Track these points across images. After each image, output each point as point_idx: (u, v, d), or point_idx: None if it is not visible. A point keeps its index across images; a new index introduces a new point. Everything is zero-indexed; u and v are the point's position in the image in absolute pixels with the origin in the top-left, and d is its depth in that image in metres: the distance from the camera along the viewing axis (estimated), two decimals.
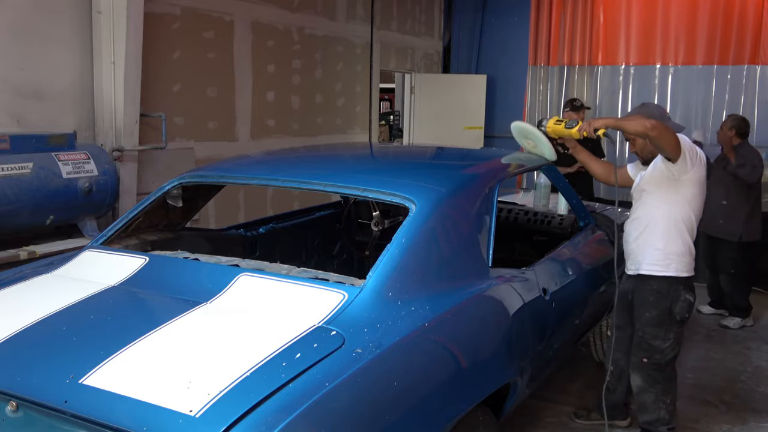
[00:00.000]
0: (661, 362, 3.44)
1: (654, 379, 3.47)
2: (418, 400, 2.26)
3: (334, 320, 2.29)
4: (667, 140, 3.15)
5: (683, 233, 3.35)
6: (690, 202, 3.33)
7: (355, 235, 4.73)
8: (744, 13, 7.50)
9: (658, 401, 3.48)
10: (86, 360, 2.06)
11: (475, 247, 2.91)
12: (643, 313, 3.43)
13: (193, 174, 3.37)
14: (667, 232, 3.33)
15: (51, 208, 4.10)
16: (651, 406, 3.50)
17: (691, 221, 3.36)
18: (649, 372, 3.47)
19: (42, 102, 4.55)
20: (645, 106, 3.59)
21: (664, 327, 3.39)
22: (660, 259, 3.35)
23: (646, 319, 3.42)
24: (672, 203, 3.32)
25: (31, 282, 2.76)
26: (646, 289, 3.41)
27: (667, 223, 3.33)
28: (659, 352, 3.42)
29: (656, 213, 3.36)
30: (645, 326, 3.43)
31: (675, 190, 3.30)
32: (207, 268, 2.74)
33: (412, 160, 3.90)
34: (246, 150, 5.94)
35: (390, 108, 13.52)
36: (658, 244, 3.35)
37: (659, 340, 3.40)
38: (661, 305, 3.38)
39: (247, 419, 1.79)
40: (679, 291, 3.37)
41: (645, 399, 3.51)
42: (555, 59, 8.54)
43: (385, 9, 8.16)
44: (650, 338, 3.42)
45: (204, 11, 5.70)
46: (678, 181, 3.28)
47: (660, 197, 3.34)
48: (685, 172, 3.25)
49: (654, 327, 3.41)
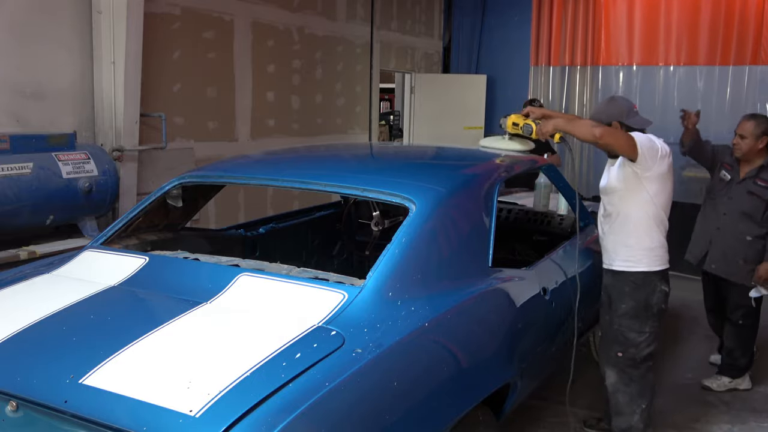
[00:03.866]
0: (635, 357, 3.39)
1: (629, 376, 3.42)
2: (418, 400, 2.26)
3: (334, 320, 2.29)
4: (619, 145, 3.18)
5: (651, 229, 3.35)
6: (654, 198, 3.32)
7: (355, 235, 4.73)
8: (745, 14, 7.49)
9: (633, 404, 3.42)
10: (86, 360, 2.06)
11: (475, 247, 2.91)
12: (620, 305, 3.41)
13: (193, 174, 3.37)
14: (635, 229, 3.34)
15: (51, 208, 4.10)
16: (625, 409, 3.44)
17: (659, 217, 3.36)
18: (624, 368, 3.42)
19: (42, 102, 4.55)
20: (614, 99, 3.58)
21: (640, 319, 3.37)
22: (631, 255, 3.36)
23: (622, 311, 3.40)
24: (638, 201, 3.32)
25: (32, 282, 2.77)
26: (622, 281, 3.40)
27: (635, 221, 3.33)
28: (634, 346, 3.38)
29: (623, 210, 3.36)
30: (621, 318, 3.40)
31: (639, 188, 3.30)
32: (207, 268, 2.74)
33: (412, 160, 3.90)
34: (246, 150, 5.93)
35: (390, 108, 13.50)
36: (629, 241, 3.35)
37: (634, 332, 3.37)
38: (637, 296, 3.36)
39: (247, 419, 1.79)
40: (655, 282, 3.36)
41: (619, 399, 3.46)
42: (556, 59, 8.53)
43: (385, 9, 8.16)
44: (626, 330, 3.39)
45: (204, 11, 5.70)
46: (641, 179, 3.28)
47: (626, 195, 3.34)
48: (646, 169, 3.25)
49: (630, 319, 3.38)
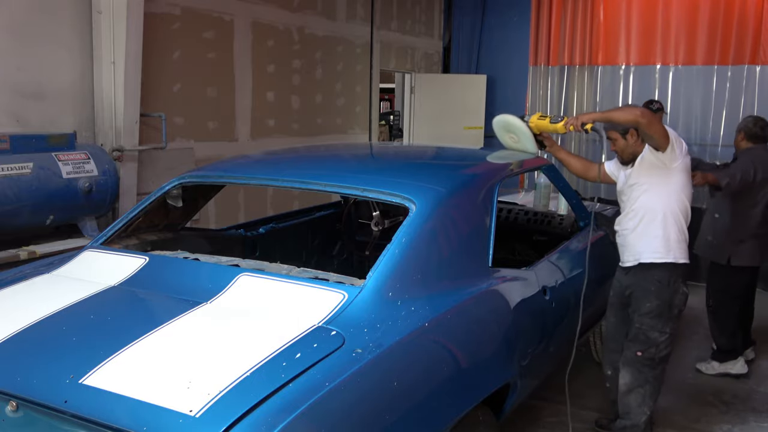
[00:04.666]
0: (655, 357, 3.44)
1: (645, 376, 3.46)
2: (418, 400, 2.26)
3: (334, 320, 2.29)
4: (657, 128, 3.27)
5: (679, 221, 3.43)
6: (683, 189, 3.42)
7: (355, 235, 4.73)
8: (744, 13, 7.49)
9: (644, 405, 3.46)
10: (86, 360, 2.06)
11: (475, 247, 2.91)
12: (644, 303, 3.44)
13: (193, 174, 3.37)
14: (664, 220, 3.39)
15: (51, 208, 4.10)
16: (635, 410, 3.47)
17: (686, 208, 3.45)
18: (641, 368, 3.46)
19: (42, 102, 4.54)
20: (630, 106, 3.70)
21: (663, 318, 3.42)
22: (661, 246, 3.40)
23: (646, 309, 3.43)
24: (666, 192, 3.39)
25: (32, 282, 2.77)
26: (648, 279, 3.43)
27: (663, 213, 3.39)
28: (655, 346, 3.42)
29: (651, 204, 3.40)
30: (644, 317, 3.44)
31: (667, 180, 3.38)
32: (207, 268, 2.74)
33: (412, 160, 3.90)
34: (246, 150, 5.93)
35: (390, 108, 13.49)
36: (658, 232, 3.40)
37: (657, 332, 3.42)
38: (663, 296, 3.41)
39: (247, 419, 1.79)
40: (678, 282, 3.43)
41: (630, 401, 3.49)
42: (555, 59, 8.53)
43: (385, 9, 8.16)
44: (648, 329, 3.42)
45: (204, 11, 5.70)
46: (669, 170, 3.36)
47: (653, 188, 3.39)
48: (674, 160, 3.34)
49: (654, 318, 3.42)
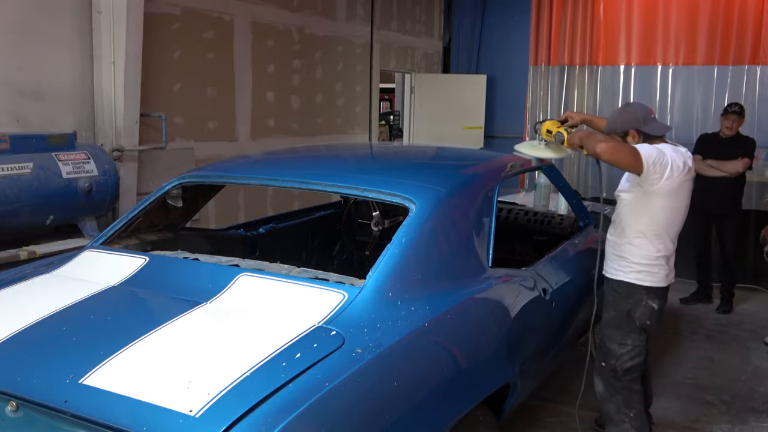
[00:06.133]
0: (617, 369, 3.32)
1: (614, 387, 3.36)
2: (418, 400, 2.26)
3: (334, 320, 2.29)
4: (622, 160, 3.07)
5: (652, 242, 3.24)
6: (661, 212, 3.21)
7: (355, 235, 4.73)
8: (744, 14, 7.49)
9: (620, 413, 3.37)
10: (86, 360, 2.06)
11: (475, 247, 2.91)
12: (604, 313, 3.38)
13: (193, 174, 3.37)
14: (632, 239, 3.25)
15: (51, 208, 4.10)
16: (614, 417, 3.40)
17: (657, 233, 3.24)
18: (608, 378, 3.37)
19: (42, 102, 4.54)
20: (629, 106, 3.49)
21: (621, 331, 3.30)
22: (622, 266, 3.29)
23: (604, 319, 3.37)
24: (640, 211, 3.23)
25: (32, 282, 2.77)
26: (608, 289, 3.37)
27: (634, 231, 3.25)
28: (615, 358, 3.31)
29: (625, 219, 3.29)
30: (603, 327, 3.38)
31: (645, 200, 3.21)
32: (207, 268, 2.74)
33: (412, 160, 3.90)
34: (246, 150, 5.93)
35: (390, 108, 13.50)
36: (622, 251, 3.28)
37: (615, 344, 3.31)
38: (619, 307, 3.30)
39: (247, 419, 1.79)
40: (641, 296, 3.26)
41: (608, 408, 3.42)
42: (555, 59, 8.53)
43: (385, 9, 8.16)
44: (607, 340, 3.33)
45: (204, 11, 5.70)
46: (646, 192, 3.18)
47: (630, 204, 3.27)
48: (651, 184, 3.13)
49: (610, 329, 3.33)
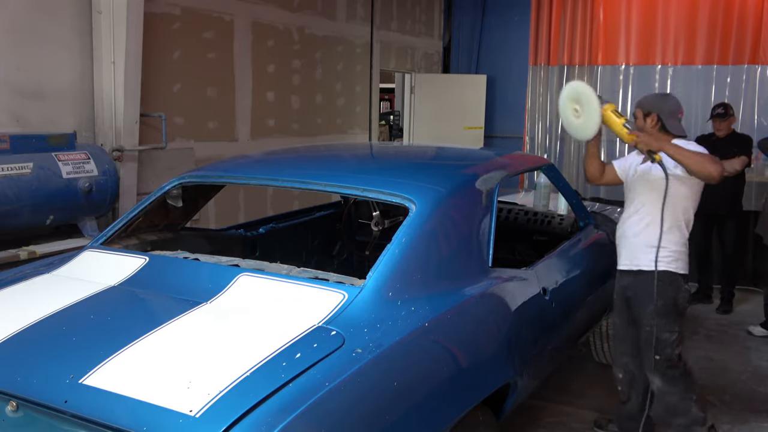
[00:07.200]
0: (672, 357, 3.36)
1: (673, 377, 3.38)
2: (418, 400, 2.26)
3: (334, 320, 2.29)
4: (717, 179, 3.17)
5: (683, 230, 3.38)
6: (692, 200, 3.36)
7: (355, 235, 4.73)
8: (744, 13, 7.49)
9: (685, 400, 3.39)
10: (86, 360, 2.06)
11: (475, 247, 2.91)
12: (648, 305, 3.33)
13: (193, 174, 3.37)
14: (669, 229, 3.30)
15: (51, 208, 4.10)
16: (680, 407, 3.39)
17: (690, 218, 3.40)
18: (665, 371, 3.38)
19: (42, 102, 4.54)
20: (666, 97, 3.54)
21: (669, 318, 3.34)
22: (663, 256, 3.31)
23: (651, 311, 3.33)
24: (676, 200, 3.28)
25: (32, 282, 2.76)
26: (648, 281, 3.32)
27: (670, 221, 3.29)
28: (670, 346, 3.34)
29: (659, 209, 3.27)
30: (652, 319, 3.34)
31: (684, 189, 3.30)
32: (207, 268, 2.74)
33: (412, 160, 3.90)
34: (246, 150, 5.93)
35: (390, 108, 13.50)
36: (663, 241, 3.28)
37: (667, 332, 3.34)
38: (666, 296, 3.33)
39: (247, 419, 1.78)
40: (680, 282, 3.36)
41: (670, 401, 3.40)
42: (555, 59, 8.53)
43: (385, 9, 8.16)
44: (659, 331, 3.32)
45: (204, 11, 5.70)
46: (684, 179, 3.26)
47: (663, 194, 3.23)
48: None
49: (661, 317, 3.33)
